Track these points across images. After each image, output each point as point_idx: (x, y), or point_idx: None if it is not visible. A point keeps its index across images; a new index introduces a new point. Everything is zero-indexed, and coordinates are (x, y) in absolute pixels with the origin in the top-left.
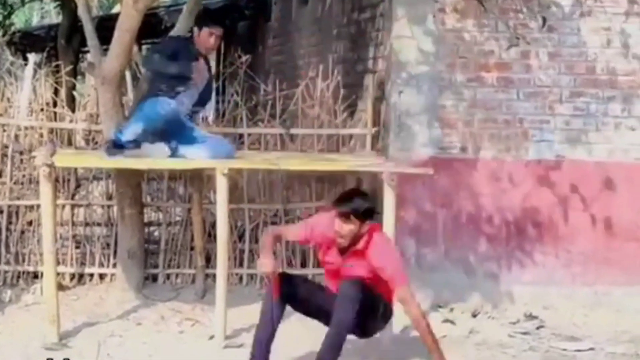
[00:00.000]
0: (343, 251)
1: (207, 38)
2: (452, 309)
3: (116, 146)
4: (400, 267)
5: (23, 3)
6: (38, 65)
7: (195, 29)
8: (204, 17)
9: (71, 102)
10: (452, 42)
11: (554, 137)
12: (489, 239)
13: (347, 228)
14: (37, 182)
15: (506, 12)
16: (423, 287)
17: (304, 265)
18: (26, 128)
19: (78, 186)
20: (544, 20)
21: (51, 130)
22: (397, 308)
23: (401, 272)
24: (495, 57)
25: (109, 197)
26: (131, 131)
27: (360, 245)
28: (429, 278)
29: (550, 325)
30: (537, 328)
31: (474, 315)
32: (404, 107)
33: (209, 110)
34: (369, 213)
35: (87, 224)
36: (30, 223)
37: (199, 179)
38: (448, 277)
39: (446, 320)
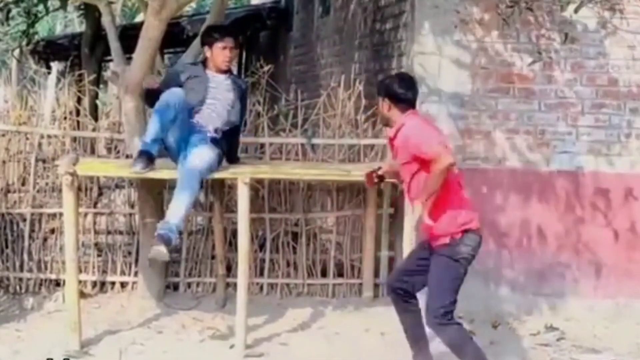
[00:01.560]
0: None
1: (221, 52)
2: (472, 320)
3: (144, 154)
4: (427, 139)
5: (47, 12)
6: (61, 73)
7: (206, 48)
8: (210, 33)
9: (94, 111)
10: (474, 54)
11: (575, 149)
12: (510, 249)
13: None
14: (60, 190)
15: (528, 24)
16: None
17: (324, 274)
18: (49, 136)
19: (100, 194)
20: (566, 35)
21: (74, 139)
22: None
23: (427, 143)
24: (517, 68)
25: (131, 206)
26: (151, 131)
27: (392, 132)
28: None
29: (571, 337)
30: (558, 340)
31: (495, 326)
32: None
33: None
34: (387, 90)
35: (109, 232)
36: (52, 231)
37: (221, 188)
38: (469, 288)
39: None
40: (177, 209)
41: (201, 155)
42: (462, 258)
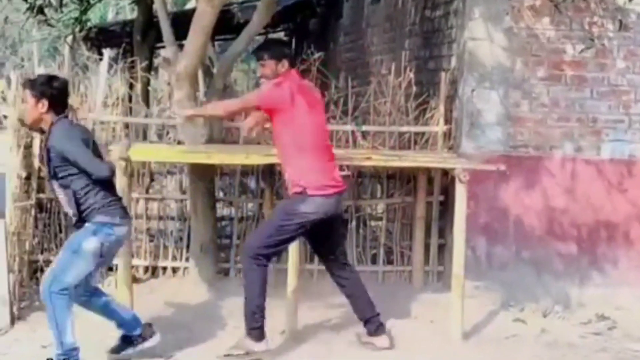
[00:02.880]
0: None
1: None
2: (522, 309)
3: None
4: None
5: None
6: (113, 60)
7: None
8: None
9: (146, 97)
10: (526, 41)
11: (627, 137)
12: (560, 238)
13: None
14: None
15: (580, 11)
16: (494, 285)
17: (374, 261)
18: (102, 122)
19: (152, 180)
20: (620, 23)
21: (126, 125)
22: None
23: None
24: (569, 55)
25: (183, 192)
26: None
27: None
28: (500, 277)
29: (622, 326)
30: (609, 329)
31: (545, 315)
32: (476, 105)
33: None
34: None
35: (160, 218)
36: None
37: (271, 175)
38: (519, 276)
39: (517, 320)
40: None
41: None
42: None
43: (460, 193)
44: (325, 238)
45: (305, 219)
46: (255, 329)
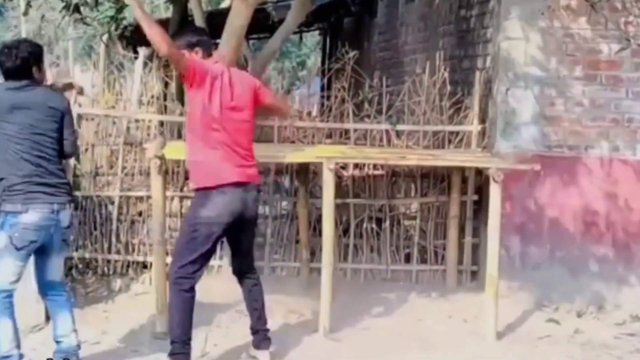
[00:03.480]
0: None
1: None
2: (556, 308)
3: None
4: None
5: None
6: (148, 58)
7: None
8: None
9: (180, 96)
10: (561, 40)
11: None
12: (595, 238)
13: None
14: (147, 174)
15: (616, 11)
16: (528, 285)
17: (407, 260)
18: (137, 121)
19: (187, 178)
20: None
21: (161, 123)
22: None
23: None
24: (605, 55)
25: None
26: None
27: None
28: (534, 276)
29: None
30: None
31: (579, 315)
32: (511, 105)
33: (312, 105)
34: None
35: None
36: (140, 214)
37: (305, 173)
38: (553, 276)
39: (550, 320)
40: None
41: None
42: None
43: (495, 192)
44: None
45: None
46: (176, 354)
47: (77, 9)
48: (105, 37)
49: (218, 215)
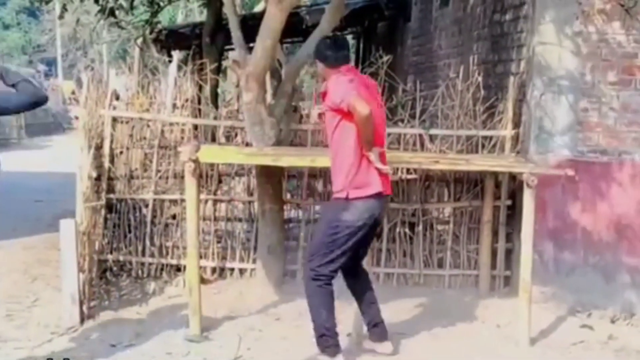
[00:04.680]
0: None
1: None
2: (590, 314)
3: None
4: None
5: (169, 2)
6: (183, 62)
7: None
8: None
9: (214, 99)
10: (596, 45)
11: None
12: (629, 244)
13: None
14: (181, 177)
15: None
16: (561, 291)
17: (440, 265)
18: (171, 124)
19: (220, 182)
20: None
21: (195, 127)
22: None
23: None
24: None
25: (250, 193)
26: None
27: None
28: (567, 282)
29: None
30: None
31: (613, 322)
32: (545, 110)
33: None
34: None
35: (228, 219)
36: (174, 217)
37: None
38: (586, 282)
39: (584, 326)
40: None
41: None
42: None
43: (528, 197)
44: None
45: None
46: (328, 347)
47: (112, 12)
48: (139, 40)
49: (359, 219)
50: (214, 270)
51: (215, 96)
